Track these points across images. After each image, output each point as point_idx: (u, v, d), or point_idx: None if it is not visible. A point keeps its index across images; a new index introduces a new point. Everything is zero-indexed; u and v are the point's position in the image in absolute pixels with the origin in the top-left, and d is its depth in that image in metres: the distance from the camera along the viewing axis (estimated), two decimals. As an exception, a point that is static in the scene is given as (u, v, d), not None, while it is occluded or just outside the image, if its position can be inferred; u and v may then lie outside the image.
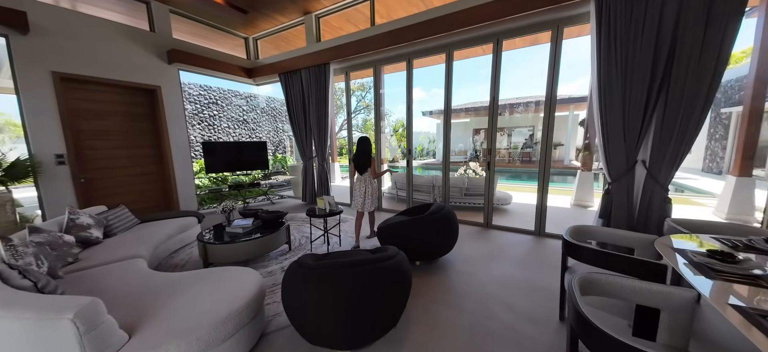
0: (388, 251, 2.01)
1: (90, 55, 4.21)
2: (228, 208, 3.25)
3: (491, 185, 4.07)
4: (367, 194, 3.57)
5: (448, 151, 4.37)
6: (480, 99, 14.81)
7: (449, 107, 4.23)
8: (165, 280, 2.04)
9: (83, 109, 4.30)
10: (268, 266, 3.05)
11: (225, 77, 5.90)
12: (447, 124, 4.29)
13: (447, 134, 4.32)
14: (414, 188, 5.59)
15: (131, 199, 4.85)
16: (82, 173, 4.31)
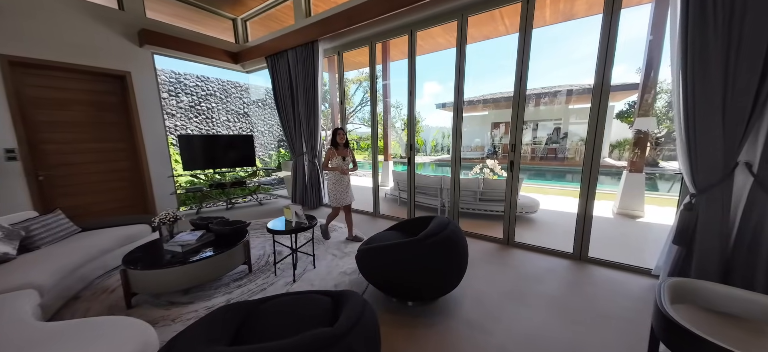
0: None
1: (46, 36, 3.66)
2: (168, 217, 2.56)
3: (514, 188, 3.13)
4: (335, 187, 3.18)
5: (458, 148, 3.46)
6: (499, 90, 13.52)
7: (461, 93, 3.32)
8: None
9: (41, 98, 3.77)
10: (212, 296, 2.33)
11: (208, 63, 5.26)
12: (458, 114, 3.37)
13: (458, 127, 3.40)
14: (419, 190, 4.72)
15: (99, 199, 4.34)
16: (41, 170, 3.80)
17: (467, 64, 3.29)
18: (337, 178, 3.18)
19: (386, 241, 2.33)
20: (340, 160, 3.15)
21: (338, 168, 3.14)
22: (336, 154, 3.15)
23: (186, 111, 7.73)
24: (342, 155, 3.17)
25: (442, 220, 2.27)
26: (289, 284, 2.49)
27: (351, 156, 3.27)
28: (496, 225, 3.91)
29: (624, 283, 2.44)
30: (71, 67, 3.90)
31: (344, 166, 3.17)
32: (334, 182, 3.18)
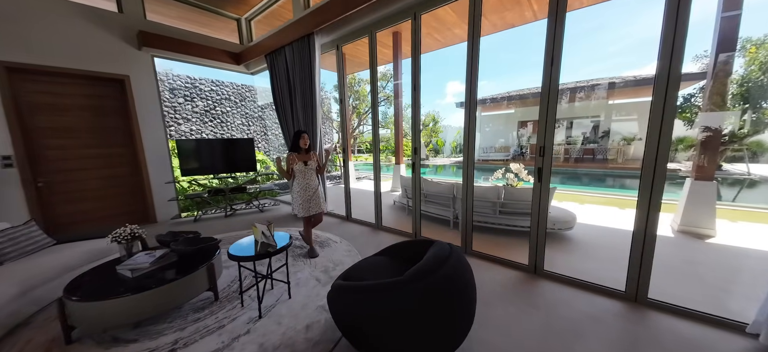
0: None
1: (44, 41, 3.58)
2: (126, 234, 2.23)
3: (543, 201, 2.44)
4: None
5: (470, 150, 2.83)
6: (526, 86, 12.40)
7: (474, 88, 2.70)
8: None
9: (41, 104, 3.70)
10: (163, 332, 1.94)
11: (209, 65, 5.05)
12: (470, 111, 2.75)
13: (471, 126, 2.78)
14: (428, 198, 4.12)
15: (99, 205, 4.24)
16: (40, 177, 3.74)
17: (489, 58, 2.69)
18: (301, 185, 2.90)
19: (365, 276, 1.80)
20: (301, 165, 2.86)
21: (301, 176, 2.90)
22: (296, 160, 2.85)
23: (201, 115, 7.74)
24: (304, 160, 2.89)
25: (441, 250, 1.70)
26: (254, 319, 2.04)
27: (315, 161, 3.01)
28: (520, 245, 3.21)
29: (706, 345, 1.70)
30: (70, 72, 3.81)
31: (307, 171, 2.91)
32: (297, 190, 2.89)
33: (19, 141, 3.49)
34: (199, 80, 7.73)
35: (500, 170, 4.83)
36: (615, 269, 2.39)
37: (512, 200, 3.56)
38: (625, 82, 10.03)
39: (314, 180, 2.99)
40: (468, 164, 2.84)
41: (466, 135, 2.81)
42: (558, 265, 2.65)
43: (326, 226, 4.00)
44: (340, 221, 4.18)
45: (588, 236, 3.55)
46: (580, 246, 3.28)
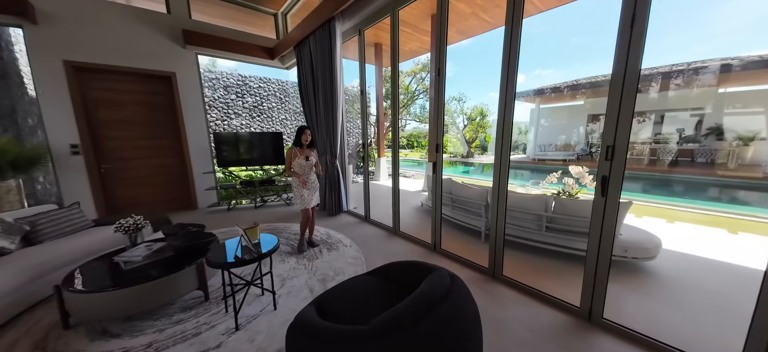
0: None
1: (103, 42, 3.98)
2: (132, 225, 2.23)
3: (609, 219, 1.74)
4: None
5: (504, 149, 2.21)
6: (602, 72, 10.40)
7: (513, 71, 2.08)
8: None
9: (102, 99, 4.17)
10: (143, 330, 1.86)
11: (246, 60, 5.18)
12: (506, 100, 2.14)
13: (506, 118, 2.17)
14: (457, 204, 3.55)
15: (150, 191, 4.67)
16: (103, 163, 4.24)
17: (554, 42, 2.04)
18: (302, 180, 2.89)
19: (339, 308, 1.44)
20: (303, 160, 2.86)
21: (301, 171, 2.88)
22: (298, 155, 2.87)
23: (250, 111, 8.21)
24: (305, 156, 2.89)
25: (434, 288, 1.25)
26: (230, 331, 1.84)
27: (315, 157, 3.00)
28: (571, 275, 2.48)
29: None
30: (126, 70, 4.21)
31: (308, 166, 2.91)
32: (298, 183, 2.90)
33: (84, 132, 3.97)
34: (248, 77, 8.19)
35: (554, 174, 3.96)
36: (721, 328, 1.59)
37: (564, 213, 2.80)
38: (744, 63, 7.66)
39: (314, 175, 2.99)
40: (501, 165, 2.24)
41: (499, 131, 2.21)
42: (626, 311, 1.91)
43: (342, 226, 3.74)
44: (358, 222, 3.87)
45: (678, 271, 2.60)
46: (663, 285, 2.39)
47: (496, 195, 2.28)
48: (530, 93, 11.74)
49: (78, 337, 1.82)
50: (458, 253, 2.75)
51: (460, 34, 5.55)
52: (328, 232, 3.48)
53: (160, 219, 3.29)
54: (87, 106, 4.02)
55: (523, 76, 27.48)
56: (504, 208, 2.28)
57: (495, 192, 2.30)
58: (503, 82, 2.12)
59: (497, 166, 2.25)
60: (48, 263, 2.24)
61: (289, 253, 2.94)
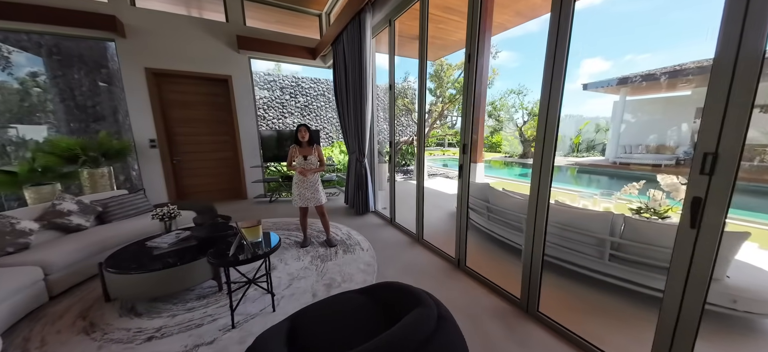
0: None
1: (175, 50, 4.55)
2: (168, 213, 2.43)
3: (705, 251, 1.19)
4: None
5: (547, 149, 1.72)
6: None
7: (563, 55, 1.60)
8: None
9: (174, 100, 4.79)
10: (161, 313, 1.98)
11: (292, 61, 5.39)
12: (552, 94, 1.66)
13: (551, 115, 1.68)
14: (495, 215, 3.06)
15: (209, 180, 5.23)
16: (174, 156, 4.90)
17: (644, 19, 1.53)
18: (299, 177, 2.88)
19: (314, 329, 1.25)
20: (301, 159, 2.84)
21: (298, 168, 2.84)
22: (297, 154, 2.85)
23: (301, 110, 8.67)
24: (304, 154, 2.85)
25: (418, 324, 0.98)
26: (227, 328, 1.82)
27: (316, 155, 2.92)
28: (643, 323, 1.86)
29: None
30: (192, 75, 4.75)
31: (306, 165, 2.85)
32: (296, 181, 2.90)
33: (161, 128, 4.60)
34: (301, 78, 8.64)
35: (635, 184, 3.12)
36: None
37: (637, 240, 2.11)
38: None
39: (314, 175, 2.92)
40: (541, 170, 1.76)
41: (541, 127, 1.73)
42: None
43: (366, 227, 3.57)
44: (383, 224, 3.65)
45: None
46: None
47: (534, 207, 1.81)
48: (612, 82, 9.81)
49: (112, 311, 2.03)
50: (487, 274, 2.32)
51: (519, 17, 4.81)
52: (349, 232, 3.36)
53: (205, 208, 3.59)
54: (163, 106, 4.66)
55: (608, 63, 23.31)
56: (543, 223, 1.80)
57: (532, 202, 1.83)
58: (548, 66, 1.64)
59: (536, 171, 1.78)
60: (108, 241, 2.59)
61: (307, 251, 2.89)
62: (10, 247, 2.25)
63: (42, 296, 2.07)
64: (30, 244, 2.36)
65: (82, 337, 1.77)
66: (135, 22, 4.21)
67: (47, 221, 2.60)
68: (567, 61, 1.60)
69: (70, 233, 2.68)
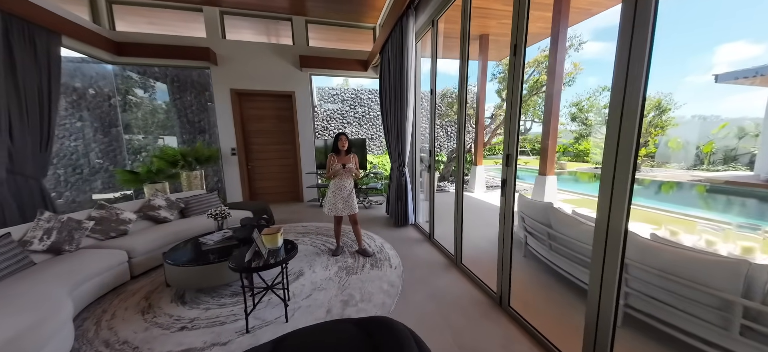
0: None
1: (253, 73, 5.21)
2: (220, 213, 2.68)
3: None
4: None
5: (626, 152, 1.20)
6: None
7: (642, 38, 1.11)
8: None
9: (251, 115, 5.48)
10: (199, 305, 2.15)
11: (347, 75, 5.57)
12: (634, 63, 1.16)
13: (629, 98, 1.17)
14: (556, 242, 2.44)
15: (275, 184, 5.77)
16: (250, 162, 5.58)
17: None
18: (336, 186, 2.82)
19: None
20: (339, 167, 2.76)
21: (335, 170, 2.77)
22: (336, 161, 2.78)
23: (359, 120, 8.97)
24: (343, 162, 2.78)
25: None
26: (242, 331, 1.84)
27: (354, 163, 2.85)
28: None
29: None
30: (266, 93, 5.36)
31: (345, 172, 2.78)
32: (332, 189, 2.84)
33: (240, 138, 5.31)
34: (359, 90, 8.95)
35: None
36: None
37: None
38: None
39: (350, 183, 2.85)
40: (613, 190, 1.24)
41: (612, 131, 1.24)
42: None
43: (401, 241, 3.30)
44: (421, 240, 3.32)
45: None
46: None
47: (603, 238, 1.29)
48: (764, 71, 7.13)
49: (166, 296, 2.30)
50: (536, 321, 1.80)
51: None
52: (383, 245, 3.16)
53: (261, 208, 3.92)
54: (242, 120, 5.37)
55: (759, 47, 17.44)
56: (616, 262, 1.26)
57: (600, 232, 1.31)
58: (623, 44, 1.16)
59: (605, 189, 1.27)
60: (181, 233, 3.01)
61: (336, 260, 2.81)
62: (113, 232, 2.81)
63: (125, 275, 2.50)
64: (128, 231, 2.91)
65: (138, 316, 2.03)
66: (224, 51, 4.98)
67: (143, 212, 3.19)
68: (652, 36, 1.09)
69: (159, 224, 3.22)
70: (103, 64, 4.90)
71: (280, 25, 5.39)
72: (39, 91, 3.07)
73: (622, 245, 1.23)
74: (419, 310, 1.99)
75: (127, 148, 5.50)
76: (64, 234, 2.43)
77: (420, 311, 1.98)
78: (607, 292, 1.30)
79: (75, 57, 4.31)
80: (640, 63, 1.11)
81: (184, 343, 1.76)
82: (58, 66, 3.31)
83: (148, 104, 5.57)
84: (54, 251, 2.34)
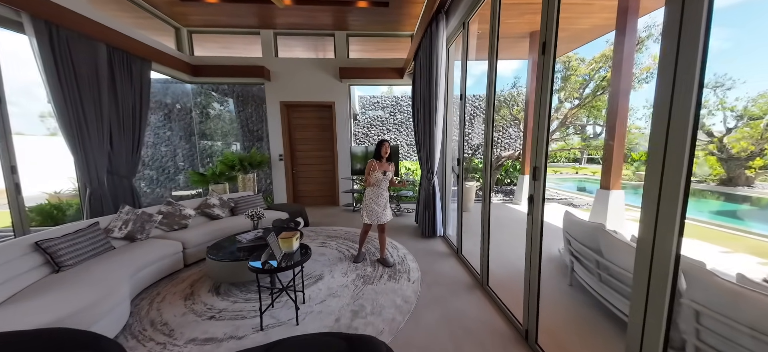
0: None
1: (299, 86, 5.60)
2: (256, 214, 2.88)
3: None
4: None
5: (675, 168, 0.90)
6: None
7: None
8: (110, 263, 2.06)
9: (296, 124, 5.88)
10: (229, 297, 2.32)
11: (383, 83, 5.58)
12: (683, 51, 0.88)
13: (676, 98, 0.89)
14: (606, 272, 2.03)
15: (315, 188, 6.07)
16: (295, 167, 5.99)
17: None
18: (375, 193, 2.73)
19: None
20: (380, 174, 2.69)
21: (377, 185, 2.71)
22: (377, 168, 2.69)
23: (398, 126, 8.93)
24: (383, 169, 2.71)
25: None
26: (257, 328, 1.91)
27: (393, 170, 2.79)
28: None
29: None
30: (309, 104, 5.70)
31: (384, 181, 2.73)
32: (371, 196, 2.75)
33: (287, 146, 5.73)
34: (399, 97, 8.93)
35: None
36: None
37: None
38: None
39: (386, 191, 2.79)
40: (658, 211, 0.95)
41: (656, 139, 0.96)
42: None
43: (426, 253, 3.10)
44: (448, 254, 3.07)
45: None
46: None
47: (645, 273, 1.00)
48: None
49: (207, 286, 2.53)
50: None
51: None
52: (405, 256, 3.01)
53: (297, 211, 4.13)
54: (289, 129, 5.80)
55: None
56: (665, 295, 0.95)
57: (642, 263, 1.01)
58: (669, 34, 0.89)
59: (649, 209, 0.98)
60: (227, 230, 3.33)
61: (356, 267, 2.77)
62: (176, 225, 3.24)
63: (179, 264, 2.85)
64: (188, 225, 3.33)
65: (181, 301, 2.28)
66: (276, 68, 5.46)
67: (201, 210, 3.62)
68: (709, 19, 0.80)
69: (212, 220, 3.63)
70: (184, 84, 5.81)
71: (325, 41, 5.70)
72: (133, 107, 3.76)
73: (673, 271, 0.92)
74: (428, 332, 1.81)
75: (201, 154, 6.40)
76: (138, 225, 2.89)
77: (429, 334, 1.80)
78: (653, 328, 0.98)
79: (164, 78, 5.19)
80: (693, 46, 0.81)
81: (208, 332, 1.90)
82: (148, 87, 4.01)
83: (223, 116, 6.41)
84: (129, 238, 2.80)
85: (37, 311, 1.58)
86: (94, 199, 3.23)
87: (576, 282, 2.49)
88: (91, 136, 3.17)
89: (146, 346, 1.77)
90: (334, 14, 4.81)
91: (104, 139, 3.35)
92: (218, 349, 1.74)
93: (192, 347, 1.76)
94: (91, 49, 3.16)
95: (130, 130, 3.73)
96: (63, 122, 2.91)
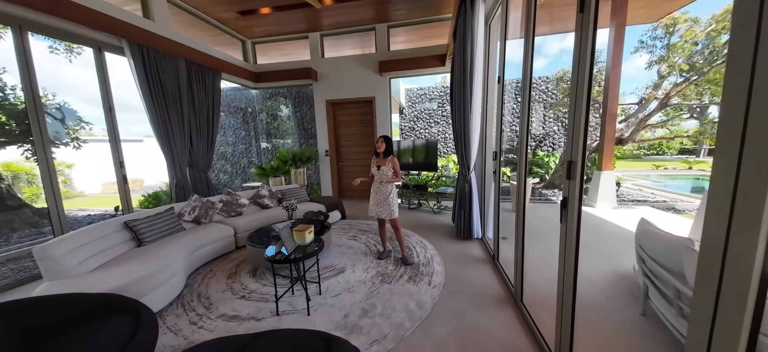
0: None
1: (343, 84, 5.76)
2: (290, 205, 3.05)
3: None
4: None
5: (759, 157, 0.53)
6: None
7: None
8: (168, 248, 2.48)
9: (341, 121, 6.08)
10: (260, 280, 2.51)
11: (424, 73, 5.26)
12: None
13: None
14: (687, 304, 1.46)
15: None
16: (340, 162, 6.22)
17: None
18: (374, 188, 2.81)
19: None
20: (374, 169, 2.77)
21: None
22: (373, 163, 2.80)
23: (446, 118, 8.40)
24: (378, 165, 2.73)
25: None
26: (273, 312, 2.00)
27: (391, 166, 2.69)
28: None
29: None
30: (352, 101, 5.81)
31: (379, 176, 2.74)
32: (371, 190, 2.85)
33: (332, 142, 5.98)
34: (446, 87, 8.35)
35: None
36: None
37: None
38: None
39: (385, 186, 2.74)
40: (733, 210, 0.58)
41: (726, 123, 0.59)
42: None
43: (458, 257, 2.78)
44: (484, 260, 2.67)
45: None
46: None
47: (717, 273, 0.63)
48: None
49: (247, 269, 2.80)
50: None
51: None
52: (432, 258, 2.77)
53: (333, 203, 4.26)
54: (335, 126, 6.03)
55: None
56: (742, 313, 0.59)
57: (705, 277, 0.65)
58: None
59: (715, 208, 0.61)
60: (272, 219, 3.64)
61: (378, 263, 2.68)
62: (232, 212, 3.68)
63: (231, 246, 3.23)
64: (243, 212, 3.75)
65: (225, 279, 2.57)
66: (322, 68, 5.71)
67: (253, 200, 4.05)
68: None
69: (263, 209, 4.02)
70: (249, 90, 6.59)
71: (368, 37, 5.68)
72: (207, 112, 4.41)
73: (759, 286, 0.54)
74: (436, 346, 1.59)
75: (272, 151, 7.20)
76: (203, 211, 3.38)
77: (436, 348, 1.58)
78: None
79: (233, 86, 5.97)
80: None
81: (236, 310, 2.08)
82: (219, 94, 4.65)
83: (285, 116, 7.10)
84: (195, 222, 3.29)
85: (114, 277, 1.97)
86: (178, 188, 3.92)
87: (651, 311, 1.88)
88: (176, 137, 3.83)
89: (188, 316, 2.03)
90: (374, 7, 4.73)
91: (185, 140, 4.02)
92: (239, 327, 1.88)
93: (220, 321, 1.95)
94: (174, 65, 3.80)
95: (205, 131, 4.39)
96: (155, 127, 3.59)
